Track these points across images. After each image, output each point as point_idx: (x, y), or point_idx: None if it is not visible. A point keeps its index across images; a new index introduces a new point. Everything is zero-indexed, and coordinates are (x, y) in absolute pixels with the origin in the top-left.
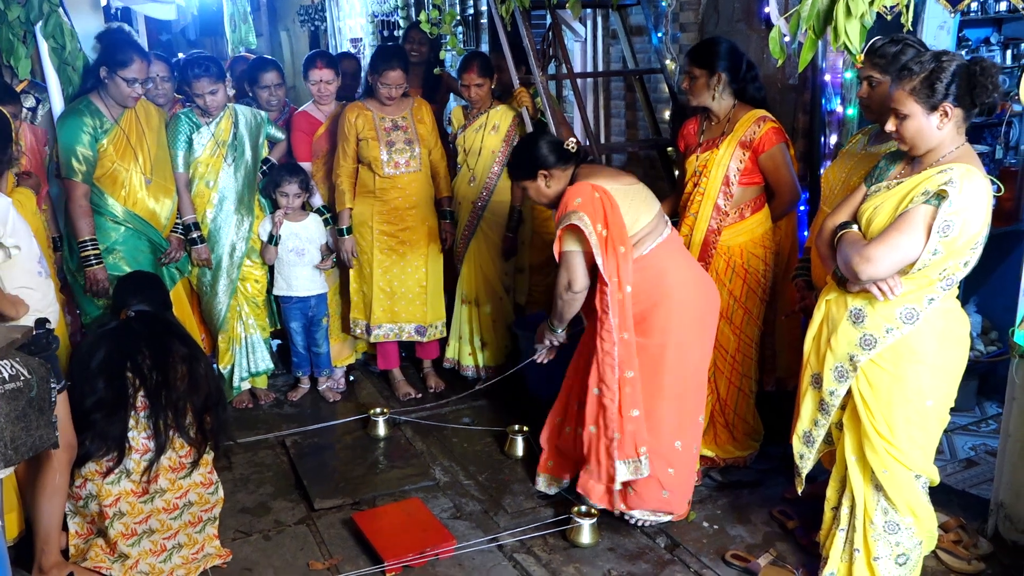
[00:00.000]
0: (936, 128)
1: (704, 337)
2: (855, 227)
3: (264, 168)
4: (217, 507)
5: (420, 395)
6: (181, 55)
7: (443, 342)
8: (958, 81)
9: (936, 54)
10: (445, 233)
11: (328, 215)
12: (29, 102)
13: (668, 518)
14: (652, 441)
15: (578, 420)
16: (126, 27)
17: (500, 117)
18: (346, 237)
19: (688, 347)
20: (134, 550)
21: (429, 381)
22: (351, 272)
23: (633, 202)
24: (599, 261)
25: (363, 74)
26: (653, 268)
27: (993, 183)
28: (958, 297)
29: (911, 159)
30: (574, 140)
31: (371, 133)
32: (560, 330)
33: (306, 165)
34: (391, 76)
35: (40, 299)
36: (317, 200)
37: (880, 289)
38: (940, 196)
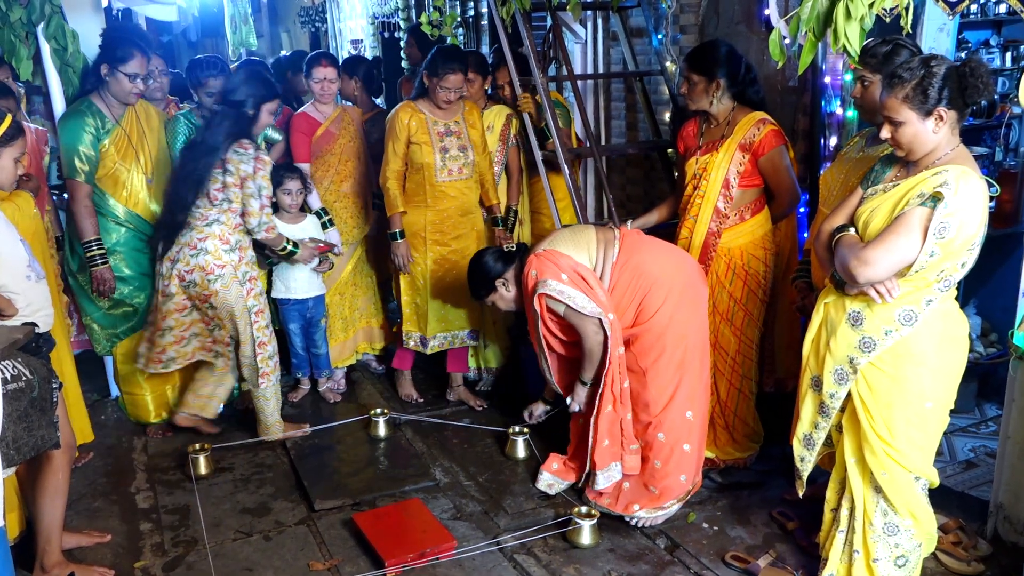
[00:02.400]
0: (932, 132)
1: (697, 303)
2: (852, 230)
3: None
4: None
5: (422, 399)
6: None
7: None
8: (950, 84)
9: (925, 59)
10: (500, 240)
11: (327, 217)
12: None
13: (666, 516)
14: (665, 416)
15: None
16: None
17: (495, 117)
18: (400, 242)
19: (685, 317)
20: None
21: (463, 396)
22: (402, 284)
23: (572, 243)
24: (583, 302)
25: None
26: (630, 267)
27: (990, 184)
28: (957, 298)
29: (907, 161)
30: (508, 238)
31: (424, 138)
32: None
33: (304, 166)
34: (452, 79)
35: (25, 304)
36: (315, 202)
37: (878, 292)
38: (936, 198)
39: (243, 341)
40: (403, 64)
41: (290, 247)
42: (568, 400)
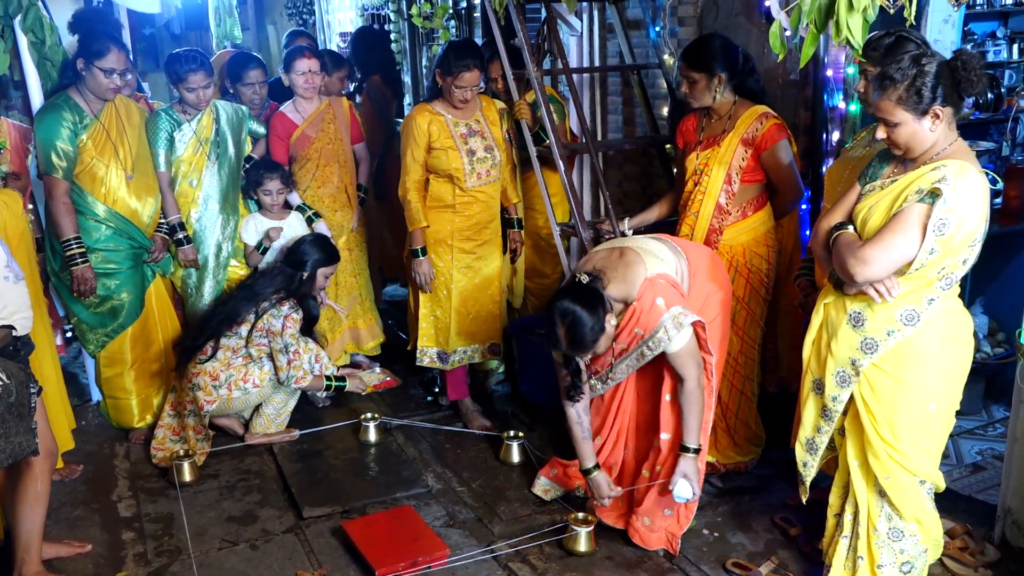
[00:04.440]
0: (929, 131)
1: (723, 288)
2: (850, 228)
3: (247, 166)
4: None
5: (494, 427)
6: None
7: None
8: (943, 81)
9: (915, 57)
10: (515, 243)
11: (311, 212)
12: None
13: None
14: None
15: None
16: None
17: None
18: (422, 259)
19: (725, 307)
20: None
21: (479, 426)
22: (421, 297)
23: (660, 258)
24: (703, 332)
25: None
26: (698, 276)
27: (990, 177)
28: (962, 297)
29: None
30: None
31: (448, 142)
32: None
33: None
34: (467, 77)
35: (2, 306)
36: (295, 198)
37: (877, 291)
38: (934, 194)
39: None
40: (395, 56)
41: (335, 383)
42: (683, 487)
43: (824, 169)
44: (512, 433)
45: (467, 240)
